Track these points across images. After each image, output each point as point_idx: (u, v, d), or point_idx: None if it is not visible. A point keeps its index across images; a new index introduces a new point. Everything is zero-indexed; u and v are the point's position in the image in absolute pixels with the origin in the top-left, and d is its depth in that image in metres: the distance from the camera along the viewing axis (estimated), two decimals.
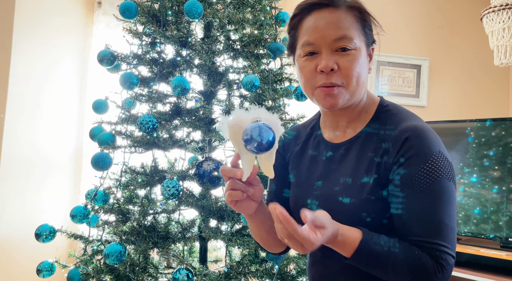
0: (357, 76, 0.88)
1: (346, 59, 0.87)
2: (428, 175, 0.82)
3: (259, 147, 0.81)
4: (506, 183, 2.15)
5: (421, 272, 0.80)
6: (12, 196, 2.36)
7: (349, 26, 0.88)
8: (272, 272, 1.67)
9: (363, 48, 0.90)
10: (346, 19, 0.88)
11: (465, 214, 2.27)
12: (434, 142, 0.84)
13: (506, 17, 2.20)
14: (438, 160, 0.83)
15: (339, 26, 0.87)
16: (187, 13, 1.63)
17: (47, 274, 1.72)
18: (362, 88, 0.92)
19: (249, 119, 0.86)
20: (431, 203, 0.82)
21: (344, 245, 0.81)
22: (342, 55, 0.87)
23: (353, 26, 0.88)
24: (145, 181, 1.72)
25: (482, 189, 2.22)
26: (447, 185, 0.83)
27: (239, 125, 0.86)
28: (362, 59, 0.89)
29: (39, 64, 2.54)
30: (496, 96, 3.16)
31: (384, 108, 0.94)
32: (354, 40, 0.87)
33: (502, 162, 2.16)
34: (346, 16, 0.88)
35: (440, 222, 0.82)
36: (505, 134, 2.16)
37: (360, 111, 0.95)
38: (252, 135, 0.81)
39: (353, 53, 0.87)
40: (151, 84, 1.82)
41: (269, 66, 1.87)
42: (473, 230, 2.24)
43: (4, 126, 2.27)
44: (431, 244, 0.81)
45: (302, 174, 1.01)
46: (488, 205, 2.19)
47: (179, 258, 1.63)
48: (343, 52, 0.87)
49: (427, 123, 0.90)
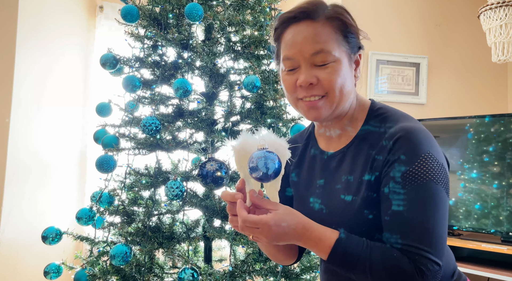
0: (339, 87, 0.88)
1: (325, 72, 0.87)
2: (414, 176, 0.81)
3: (264, 176, 0.81)
4: (506, 178, 2.17)
5: (398, 277, 0.78)
6: (18, 199, 2.38)
7: (327, 39, 0.87)
8: (276, 270, 1.68)
9: (344, 58, 0.88)
10: (323, 32, 0.87)
11: (466, 210, 2.29)
12: (424, 143, 0.83)
13: (503, 14, 2.22)
14: (427, 162, 0.81)
15: (316, 40, 0.86)
16: (187, 15, 1.65)
17: (54, 276, 1.73)
18: (348, 98, 0.91)
19: (255, 145, 0.85)
20: (415, 206, 0.80)
21: (318, 243, 0.81)
22: (321, 68, 0.87)
23: (331, 38, 0.87)
24: (149, 183, 1.73)
25: (482, 185, 2.24)
26: (434, 188, 0.80)
27: (245, 150, 0.85)
28: (344, 70, 0.88)
29: (42, 68, 2.56)
30: (495, 92, 3.18)
31: (375, 111, 0.94)
32: (333, 52, 0.87)
33: (502, 158, 2.18)
34: (324, 29, 0.87)
35: (423, 226, 0.79)
36: (504, 129, 2.18)
37: (351, 118, 0.95)
38: (258, 165, 0.80)
39: (333, 66, 0.87)
40: (153, 86, 1.84)
41: (269, 67, 1.89)
42: (474, 225, 2.26)
43: (9, 130, 2.29)
44: (411, 248, 0.78)
45: (304, 173, 1.03)
46: (489, 200, 2.21)
47: (184, 258, 1.65)
48: (322, 66, 0.87)
49: (423, 122, 0.92)
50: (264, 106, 1.86)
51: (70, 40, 2.84)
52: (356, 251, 0.80)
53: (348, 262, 0.80)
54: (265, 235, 0.80)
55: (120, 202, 1.76)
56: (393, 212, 0.81)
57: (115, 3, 2.97)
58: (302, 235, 0.82)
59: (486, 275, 2.14)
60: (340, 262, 0.81)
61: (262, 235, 0.81)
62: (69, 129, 2.81)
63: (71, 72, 2.85)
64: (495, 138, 2.21)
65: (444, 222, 0.81)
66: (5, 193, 2.28)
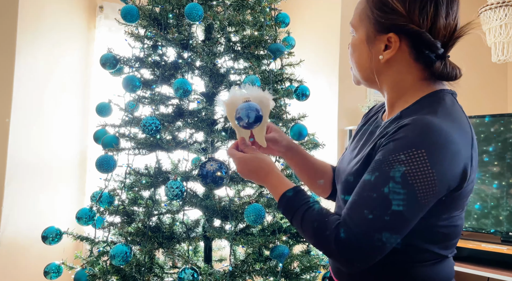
0: (354, 61, 0.95)
1: (350, 44, 0.96)
2: (392, 162, 0.76)
3: (248, 124, 0.98)
4: (506, 178, 2.17)
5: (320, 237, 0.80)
6: (18, 199, 2.38)
7: (357, 13, 0.93)
8: (276, 270, 1.69)
9: (362, 35, 0.91)
10: (358, 6, 0.93)
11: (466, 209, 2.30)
12: (425, 138, 0.75)
13: (502, 14, 2.22)
14: (412, 158, 0.74)
15: (354, 12, 0.95)
16: (187, 16, 1.65)
17: (54, 276, 1.73)
18: (367, 73, 0.92)
19: (242, 98, 1.01)
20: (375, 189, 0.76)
21: (273, 190, 0.94)
22: None
23: (359, 13, 0.92)
24: (149, 183, 1.73)
25: (482, 185, 2.24)
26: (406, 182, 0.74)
27: (234, 104, 1.02)
28: (358, 46, 0.92)
29: (42, 68, 2.57)
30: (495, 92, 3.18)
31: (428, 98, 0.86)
32: (355, 26, 0.93)
33: (502, 158, 2.18)
34: (361, 4, 0.93)
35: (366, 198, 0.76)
36: (504, 129, 2.18)
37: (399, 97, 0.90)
38: (241, 115, 0.98)
39: (353, 40, 0.94)
40: (153, 86, 1.84)
41: (269, 67, 1.89)
42: (473, 225, 2.26)
43: (10, 130, 2.29)
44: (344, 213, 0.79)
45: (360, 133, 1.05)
46: (488, 200, 2.21)
47: (184, 257, 1.65)
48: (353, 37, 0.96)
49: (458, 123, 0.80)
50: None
51: (70, 40, 2.84)
52: (296, 206, 0.87)
53: (287, 213, 0.89)
54: (238, 168, 1.00)
55: (120, 202, 1.76)
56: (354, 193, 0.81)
57: (115, 3, 2.97)
58: (263, 179, 0.97)
59: (486, 275, 2.14)
60: (283, 210, 0.91)
61: (237, 167, 1.00)
62: (69, 129, 2.81)
63: (71, 72, 2.85)
64: (495, 138, 2.22)
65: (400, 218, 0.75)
66: (5, 193, 2.29)
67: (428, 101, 0.85)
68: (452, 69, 0.87)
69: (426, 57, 0.86)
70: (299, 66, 1.96)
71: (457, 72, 0.87)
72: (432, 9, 0.83)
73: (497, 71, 3.18)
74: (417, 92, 0.88)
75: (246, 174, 1.00)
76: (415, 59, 0.87)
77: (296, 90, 1.88)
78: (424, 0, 0.83)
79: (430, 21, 0.84)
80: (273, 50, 1.84)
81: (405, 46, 0.86)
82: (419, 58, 0.87)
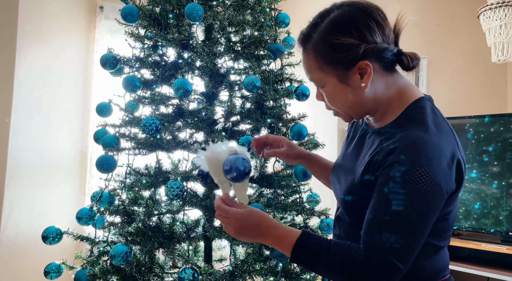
0: (341, 105, 0.97)
1: (324, 95, 0.99)
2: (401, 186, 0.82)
3: (239, 175, 0.95)
4: (506, 178, 2.17)
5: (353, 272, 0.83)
6: (19, 199, 2.39)
7: (312, 69, 0.97)
8: (276, 270, 1.69)
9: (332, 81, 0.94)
10: (308, 63, 0.97)
11: (466, 209, 2.30)
12: (423, 156, 0.82)
13: (502, 14, 2.22)
14: (420, 177, 0.81)
15: (307, 70, 0.98)
16: (187, 16, 1.65)
17: (54, 276, 1.73)
18: (360, 107, 0.96)
19: (224, 152, 0.99)
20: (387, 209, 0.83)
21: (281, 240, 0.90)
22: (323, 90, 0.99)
23: (315, 67, 0.96)
24: (150, 182, 1.74)
25: (482, 185, 2.24)
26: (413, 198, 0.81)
27: (217, 158, 0.99)
28: (336, 91, 0.95)
29: (43, 68, 2.57)
30: (494, 92, 3.18)
31: (412, 109, 0.94)
32: (320, 79, 0.96)
33: (501, 158, 2.18)
34: (309, 60, 0.97)
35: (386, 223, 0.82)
36: (503, 129, 2.19)
37: (386, 109, 0.97)
38: (232, 166, 0.94)
39: (325, 90, 0.97)
40: (153, 86, 1.84)
41: (269, 67, 1.89)
42: (473, 225, 2.27)
43: (10, 130, 2.30)
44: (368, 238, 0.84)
45: (349, 144, 1.11)
46: (488, 200, 2.21)
47: (184, 257, 1.65)
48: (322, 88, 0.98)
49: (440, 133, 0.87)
50: (264, 106, 1.87)
51: (70, 40, 2.84)
52: (316, 249, 0.86)
53: (308, 259, 0.86)
54: (231, 226, 0.92)
55: (120, 202, 1.76)
56: (368, 213, 0.87)
57: (115, 3, 2.97)
58: (264, 231, 0.91)
59: (486, 275, 2.15)
60: (301, 259, 0.88)
61: (229, 225, 0.92)
62: (69, 129, 2.81)
63: (71, 72, 2.85)
64: (495, 138, 2.22)
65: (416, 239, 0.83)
66: (5, 193, 2.29)
67: (413, 113, 0.92)
68: (414, 57, 0.95)
69: (390, 62, 0.95)
70: (299, 66, 1.96)
71: (417, 55, 0.96)
72: (373, 23, 0.92)
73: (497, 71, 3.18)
74: (399, 101, 0.96)
75: (242, 231, 0.93)
76: (384, 68, 0.95)
77: (296, 90, 1.88)
78: (364, 21, 0.91)
79: (380, 35, 0.92)
80: (273, 50, 1.84)
81: (374, 64, 0.93)
82: (386, 66, 0.95)
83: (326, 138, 2.88)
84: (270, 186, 1.82)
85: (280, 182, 1.81)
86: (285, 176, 1.81)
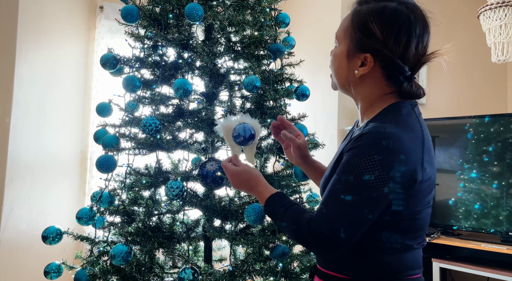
0: (334, 69, 1.07)
1: (332, 53, 1.08)
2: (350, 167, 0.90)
3: (242, 140, 1.24)
4: (506, 178, 2.17)
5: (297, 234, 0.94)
6: (19, 199, 2.39)
7: (342, 27, 1.04)
8: (276, 270, 1.69)
9: (344, 48, 1.02)
10: (345, 20, 1.05)
11: (466, 209, 2.30)
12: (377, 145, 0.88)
13: (502, 14, 2.22)
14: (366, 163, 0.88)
15: (341, 24, 1.06)
16: (187, 16, 1.65)
17: (54, 276, 1.73)
18: (343, 82, 1.05)
19: (235, 122, 1.27)
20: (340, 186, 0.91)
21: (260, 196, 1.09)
22: None
23: (344, 27, 1.03)
24: (149, 183, 1.74)
25: (482, 185, 2.24)
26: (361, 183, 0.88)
27: (230, 127, 1.27)
28: (340, 57, 1.04)
29: (43, 68, 2.57)
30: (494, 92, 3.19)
31: (388, 108, 1.00)
32: (339, 38, 1.05)
33: (501, 158, 2.18)
34: (346, 19, 1.04)
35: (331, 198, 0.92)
36: (503, 129, 2.19)
37: (368, 108, 1.05)
38: (239, 132, 1.24)
39: (335, 50, 1.06)
40: (153, 86, 1.84)
41: (269, 67, 1.89)
42: (473, 225, 2.27)
43: (10, 130, 2.30)
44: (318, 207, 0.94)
45: None
46: (488, 200, 2.21)
47: (184, 257, 1.65)
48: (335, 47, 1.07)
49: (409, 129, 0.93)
50: (264, 106, 1.87)
51: (70, 40, 2.84)
52: (279, 209, 1.01)
53: (273, 216, 1.03)
54: (230, 180, 1.15)
55: (120, 202, 1.76)
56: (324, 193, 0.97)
57: (115, 3, 2.97)
58: (253, 187, 1.12)
59: (486, 275, 2.15)
60: (269, 214, 1.05)
61: (229, 179, 1.15)
62: (69, 129, 2.81)
63: (71, 72, 2.85)
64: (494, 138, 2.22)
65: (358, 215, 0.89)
66: (5, 193, 2.29)
67: (387, 111, 0.99)
68: (417, 89, 1.00)
69: (395, 77, 0.98)
70: (299, 66, 1.96)
71: (421, 92, 1.00)
72: (405, 39, 0.96)
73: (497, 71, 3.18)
74: (383, 103, 1.01)
75: (237, 184, 1.14)
76: (386, 78, 1.00)
77: (296, 90, 1.88)
78: (399, 31, 0.96)
79: (402, 50, 0.96)
80: (273, 50, 1.85)
81: (378, 66, 0.99)
82: (389, 77, 0.99)
83: (326, 138, 2.88)
84: None
85: (280, 182, 1.81)
86: (285, 176, 1.81)
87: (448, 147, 2.40)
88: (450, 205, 2.39)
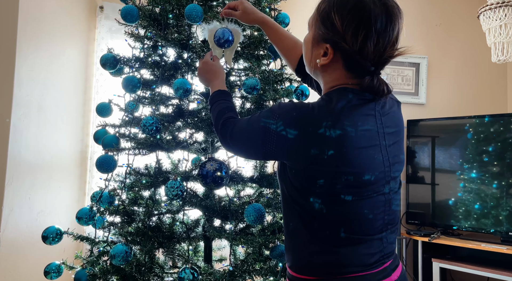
0: (304, 55, 1.11)
1: None
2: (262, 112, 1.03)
3: (222, 42, 1.47)
4: (506, 178, 2.17)
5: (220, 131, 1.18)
6: (19, 199, 2.39)
7: (312, 17, 1.06)
8: (276, 270, 1.69)
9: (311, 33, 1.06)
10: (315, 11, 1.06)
11: (466, 209, 2.30)
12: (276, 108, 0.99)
13: (502, 14, 2.22)
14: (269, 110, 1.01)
15: (312, 13, 1.07)
16: (187, 17, 1.65)
17: (54, 276, 1.73)
18: (310, 69, 1.08)
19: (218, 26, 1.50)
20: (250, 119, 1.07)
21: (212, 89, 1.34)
22: None
23: (313, 17, 1.06)
24: (149, 183, 1.74)
25: (482, 185, 2.24)
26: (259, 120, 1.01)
27: (214, 30, 1.51)
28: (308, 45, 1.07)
29: (43, 68, 2.57)
30: (494, 92, 3.18)
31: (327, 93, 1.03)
32: (309, 24, 1.08)
33: (501, 158, 2.18)
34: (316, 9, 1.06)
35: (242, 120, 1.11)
36: (503, 129, 2.19)
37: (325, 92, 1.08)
38: (219, 35, 1.47)
39: (306, 36, 1.09)
40: (153, 86, 1.84)
41: (269, 67, 1.89)
42: (473, 225, 2.27)
43: (10, 130, 2.30)
44: None
45: None
46: (488, 200, 2.21)
47: (184, 257, 1.66)
48: None
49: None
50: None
51: (70, 40, 2.84)
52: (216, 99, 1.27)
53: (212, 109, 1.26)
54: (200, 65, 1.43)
55: (120, 202, 1.76)
56: None
57: (115, 3, 2.97)
58: (211, 79, 1.39)
59: (486, 275, 2.15)
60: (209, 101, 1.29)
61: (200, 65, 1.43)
62: (69, 129, 2.81)
63: (71, 72, 2.85)
64: (494, 138, 2.22)
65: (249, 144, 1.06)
66: (5, 193, 2.29)
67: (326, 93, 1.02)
68: (380, 85, 0.96)
69: (356, 69, 0.97)
70: None
71: (384, 89, 0.96)
72: (362, 34, 0.93)
73: (497, 71, 3.18)
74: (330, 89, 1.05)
75: (203, 72, 1.41)
76: (347, 69, 0.99)
77: (296, 90, 1.88)
78: (358, 25, 0.93)
79: (359, 45, 0.94)
80: (273, 50, 1.85)
81: (339, 57, 0.99)
82: (350, 69, 0.98)
83: None
84: (270, 186, 1.82)
85: None
86: None
87: (448, 147, 2.40)
88: (450, 205, 2.39)
